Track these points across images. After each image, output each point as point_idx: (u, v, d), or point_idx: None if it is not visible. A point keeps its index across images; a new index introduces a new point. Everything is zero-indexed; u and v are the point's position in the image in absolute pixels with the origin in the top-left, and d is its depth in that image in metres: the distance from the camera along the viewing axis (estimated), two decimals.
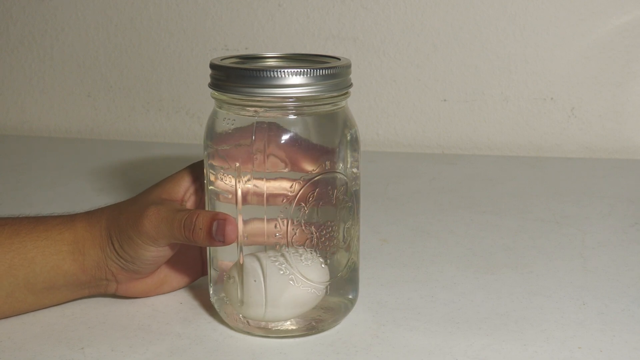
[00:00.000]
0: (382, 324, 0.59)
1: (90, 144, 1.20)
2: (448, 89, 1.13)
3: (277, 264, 0.55)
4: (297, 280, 0.55)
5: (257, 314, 0.56)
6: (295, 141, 0.54)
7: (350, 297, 0.60)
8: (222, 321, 0.59)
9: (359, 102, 1.15)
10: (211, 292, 0.60)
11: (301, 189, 0.55)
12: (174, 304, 0.63)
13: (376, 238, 0.78)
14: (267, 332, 0.57)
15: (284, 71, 0.53)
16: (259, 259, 0.56)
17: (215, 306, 0.59)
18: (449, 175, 1.02)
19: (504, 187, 0.96)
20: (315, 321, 0.57)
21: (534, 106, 1.12)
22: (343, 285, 0.59)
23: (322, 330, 0.58)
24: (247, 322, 0.57)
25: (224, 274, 0.58)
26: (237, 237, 0.55)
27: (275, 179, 0.55)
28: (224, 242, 0.55)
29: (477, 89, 1.13)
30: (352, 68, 0.58)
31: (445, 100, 1.14)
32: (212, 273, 0.59)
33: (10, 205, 0.89)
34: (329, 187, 0.56)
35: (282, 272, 0.55)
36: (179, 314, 0.61)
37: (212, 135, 0.56)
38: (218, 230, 0.55)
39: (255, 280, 0.55)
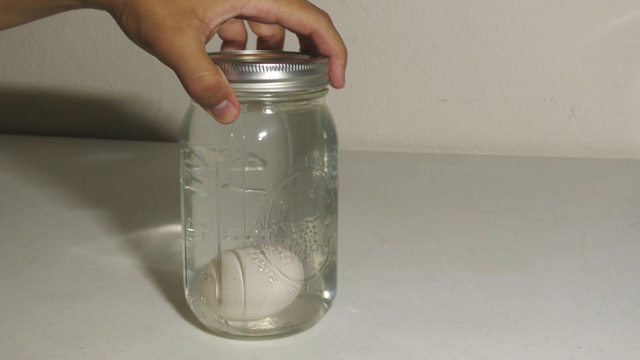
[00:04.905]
0: (382, 324, 0.59)
1: (91, 144, 1.20)
2: (448, 89, 1.13)
3: (256, 261, 0.54)
4: (277, 278, 0.55)
5: (236, 314, 0.55)
6: (274, 138, 0.54)
7: (327, 297, 0.59)
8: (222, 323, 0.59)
9: (359, 102, 1.15)
10: (186, 293, 0.59)
11: (281, 185, 0.54)
12: (174, 304, 0.63)
13: (376, 238, 0.78)
14: (245, 332, 0.56)
15: (259, 66, 0.52)
16: (238, 257, 0.55)
17: (191, 307, 0.59)
18: (449, 175, 1.02)
19: (504, 187, 0.96)
20: (293, 320, 0.57)
21: (534, 106, 1.12)
22: (321, 284, 0.58)
23: (301, 330, 0.57)
24: (226, 322, 0.56)
25: (201, 273, 0.57)
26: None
27: (254, 175, 0.54)
28: (222, 120, 0.52)
29: (477, 89, 1.13)
30: (352, 68, 0.58)
31: (445, 100, 1.14)
32: (188, 273, 0.58)
33: (11, 205, 0.89)
34: (308, 184, 0.55)
35: (261, 270, 0.54)
36: (179, 314, 0.61)
37: (188, 133, 0.56)
38: (220, 109, 0.52)
39: (234, 279, 0.54)
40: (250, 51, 0.60)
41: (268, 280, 0.55)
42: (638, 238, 0.77)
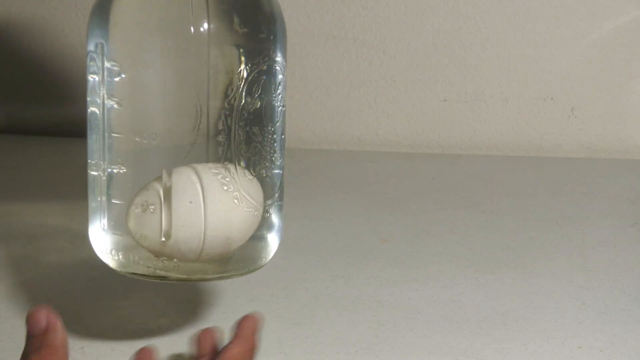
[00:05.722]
0: (382, 324, 0.59)
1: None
2: (448, 89, 1.13)
3: (219, 177, 0.43)
4: (241, 199, 0.44)
5: (192, 248, 0.43)
6: (242, 17, 0.44)
7: (274, 236, 0.50)
8: (223, 321, 0.59)
9: (359, 102, 1.15)
10: (105, 238, 0.47)
11: (249, 76, 0.44)
12: (174, 304, 0.63)
13: (376, 238, 0.78)
14: (190, 274, 0.45)
15: None
16: (197, 173, 0.43)
17: (113, 257, 0.47)
18: (449, 175, 1.02)
19: (504, 187, 0.96)
20: (243, 262, 0.47)
21: (534, 106, 1.12)
22: (270, 221, 0.48)
23: (252, 271, 0.49)
24: (177, 262, 0.45)
25: (134, 204, 0.44)
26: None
27: (213, 69, 0.43)
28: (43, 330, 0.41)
29: (477, 89, 1.13)
30: (352, 68, 0.58)
31: (445, 100, 1.14)
32: (112, 209, 0.46)
33: (11, 205, 0.89)
34: (272, 80, 0.45)
35: (225, 189, 0.43)
36: (179, 314, 0.61)
37: (107, 29, 0.44)
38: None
39: (191, 202, 0.43)
40: None
41: (233, 202, 0.43)
42: (638, 238, 0.77)
